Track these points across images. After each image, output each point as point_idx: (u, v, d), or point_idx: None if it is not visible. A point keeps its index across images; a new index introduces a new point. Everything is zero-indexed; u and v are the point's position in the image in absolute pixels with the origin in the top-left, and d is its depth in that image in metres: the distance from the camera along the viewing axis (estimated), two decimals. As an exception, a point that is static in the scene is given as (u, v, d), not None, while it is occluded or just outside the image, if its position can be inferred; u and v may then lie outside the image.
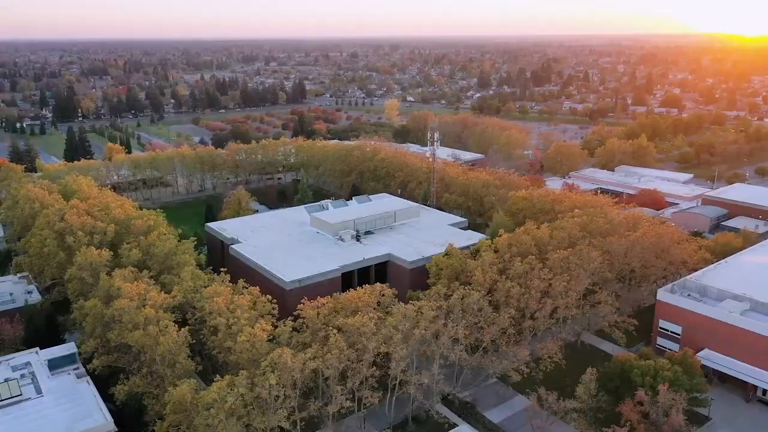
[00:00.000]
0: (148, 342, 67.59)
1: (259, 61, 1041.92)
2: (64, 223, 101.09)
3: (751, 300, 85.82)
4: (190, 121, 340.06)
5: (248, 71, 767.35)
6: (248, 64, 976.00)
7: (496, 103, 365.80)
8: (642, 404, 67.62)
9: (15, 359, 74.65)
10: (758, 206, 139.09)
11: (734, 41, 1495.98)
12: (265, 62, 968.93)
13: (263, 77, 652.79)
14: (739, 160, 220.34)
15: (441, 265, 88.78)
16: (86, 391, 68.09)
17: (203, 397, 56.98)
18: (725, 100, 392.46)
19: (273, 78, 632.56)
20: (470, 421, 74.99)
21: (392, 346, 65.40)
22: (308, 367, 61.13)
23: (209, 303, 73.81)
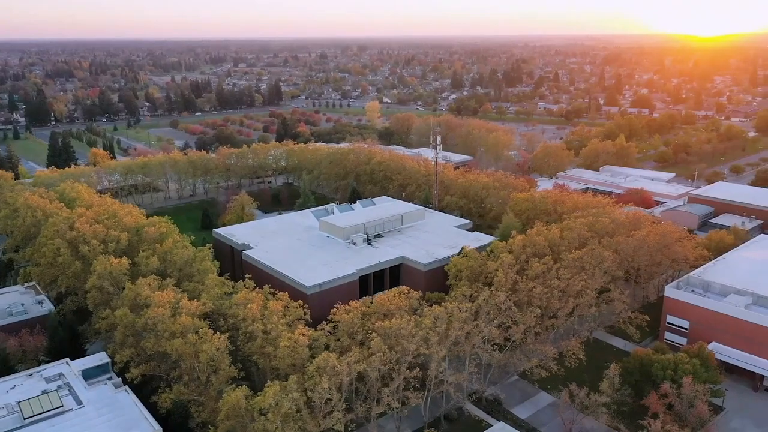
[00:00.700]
0: (187, 350, 68.14)
1: (227, 62, 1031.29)
2: (75, 232, 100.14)
3: (753, 294, 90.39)
4: (168, 124, 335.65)
5: (218, 73, 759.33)
6: (216, 65, 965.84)
7: (473, 104, 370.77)
8: (666, 396, 71.11)
9: (47, 371, 74.16)
10: (742, 204, 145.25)
11: (690, 41, 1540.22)
12: (233, 63, 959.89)
13: (234, 79, 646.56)
14: (715, 159, 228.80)
15: (460, 267, 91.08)
16: (127, 401, 68.21)
17: (258, 402, 57.97)
18: (692, 100, 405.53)
19: (245, 80, 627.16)
20: (498, 417, 77.52)
21: (431, 347, 67.34)
22: (355, 370, 62.66)
23: (242, 310, 74.65)
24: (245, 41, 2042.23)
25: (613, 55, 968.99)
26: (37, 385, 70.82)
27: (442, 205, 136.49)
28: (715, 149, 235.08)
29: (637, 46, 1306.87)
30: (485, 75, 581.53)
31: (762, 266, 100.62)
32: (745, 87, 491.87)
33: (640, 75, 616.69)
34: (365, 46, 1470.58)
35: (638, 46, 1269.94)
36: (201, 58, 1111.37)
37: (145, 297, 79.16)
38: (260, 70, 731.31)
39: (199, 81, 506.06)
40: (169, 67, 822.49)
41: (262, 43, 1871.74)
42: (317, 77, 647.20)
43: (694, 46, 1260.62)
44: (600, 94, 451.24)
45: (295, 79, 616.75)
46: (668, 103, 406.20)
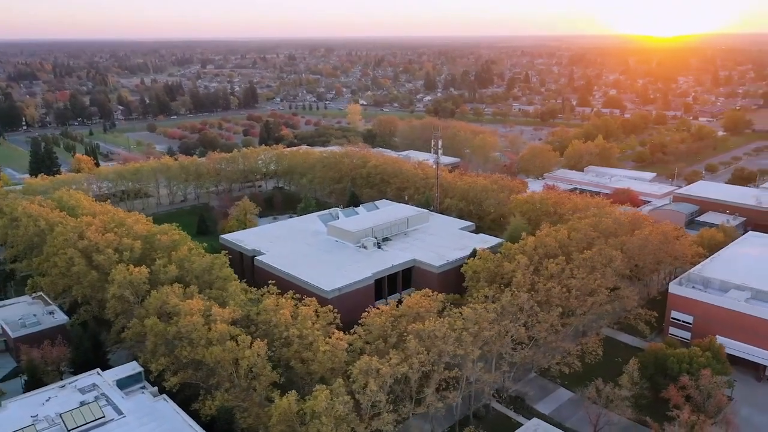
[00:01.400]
0: (226, 357, 69.00)
1: (193, 64, 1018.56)
2: (87, 241, 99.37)
3: (752, 289, 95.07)
4: (145, 128, 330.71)
5: (187, 75, 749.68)
6: (183, 66, 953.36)
7: (450, 106, 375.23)
8: (684, 388, 74.77)
9: (78, 381, 73.95)
10: (725, 202, 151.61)
11: (649, 42, 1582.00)
12: (201, 65, 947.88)
13: (205, 81, 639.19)
14: (689, 158, 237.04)
15: (476, 269, 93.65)
16: (167, 409, 68.70)
17: (310, 406, 59.30)
18: (660, 101, 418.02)
19: (216, 82, 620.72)
20: (523, 413, 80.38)
21: (467, 348, 69.59)
22: (398, 372, 64.49)
23: (274, 316, 75.73)
24: (210, 42, 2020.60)
25: (578, 56, 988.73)
26: (72, 396, 70.68)
27: (442, 207, 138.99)
28: (689, 149, 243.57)
29: (600, 46, 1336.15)
30: (457, 76, 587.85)
31: (757, 262, 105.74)
32: (708, 87, 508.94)
33: (607, 76, 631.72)
34: (332, 47, 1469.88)
35: (601, 47, 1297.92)
36: (167, 60, 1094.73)
37: (173, 305, 79.56)
38: (230, 72, 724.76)
39: (170, 83, 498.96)
40: (135, 69, 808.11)
41: (227, 43, 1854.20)
42: (289, 79, 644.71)
43: (653, 46, 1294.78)
44: (572, 95, 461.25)
45: (267, 81, 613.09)
46: (637, 103, 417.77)
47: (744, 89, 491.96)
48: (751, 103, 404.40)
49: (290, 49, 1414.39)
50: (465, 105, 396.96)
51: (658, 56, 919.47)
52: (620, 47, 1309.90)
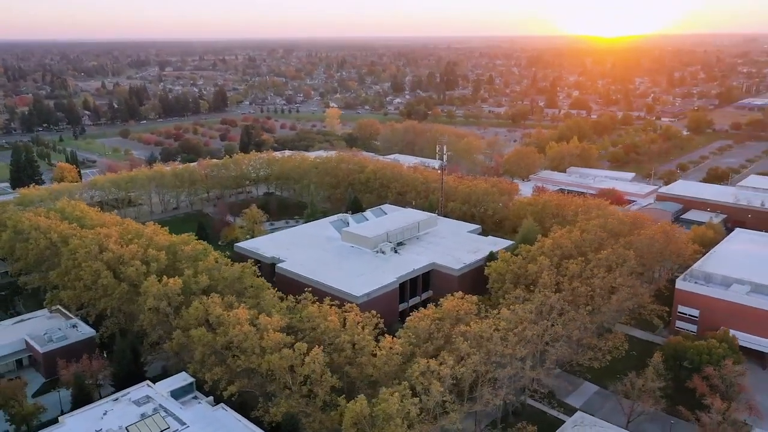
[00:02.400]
0: (283, 364, 70.85)
1: (150, 66, 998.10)
2: (111, 254, 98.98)
3: (752, 283, 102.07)
4: (117, 133, 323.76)
5: (146, 77, 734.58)
6: (141, 69, 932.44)
7: (423, 109, 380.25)
8: (708, 378, 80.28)
9: (131, 394, 74.53)
10: (707, 200, 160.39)
11: (597, 43, 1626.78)
12: (159, 67, 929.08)
13: (168, 84, 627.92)
14: (661, 158, 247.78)
15: (501, 271, 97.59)
16: (228, 418, 70.13)
17: (383, 408, 61.82)
18: (623, 102, 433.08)
19: (179, 85, 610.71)
20: (556, 407, 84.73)
21: (514, 347, 73.30)
22: (458, 373, 67.65)
23: (323, 322, 77.85)
24: (164, 42, 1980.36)
25: (536, 57, 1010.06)
26: (129, 409, 71.33)
27: (445, 211, 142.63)
28: (660, 149, 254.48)
29: (554, 47, 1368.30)
30: (422, 78, 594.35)
31: (751, 257, 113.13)
32: (665, 88, 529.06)
33: (566, 77, 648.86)
34: (290, 49, 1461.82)
35: (555, 48, 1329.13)
36: (122, 62, 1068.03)
37: (217, 315, 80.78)
38: (192, 75, 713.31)
39: (133, 87, 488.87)
40: (92, 72, 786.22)
41: (180, 44, 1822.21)
42: (254, 81, 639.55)
43: (604, 47, 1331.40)
44: (537, 96, 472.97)
45: (232, 84, 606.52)
46: (601, 104, 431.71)
47: (698, 90, 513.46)
48: (707, 104, 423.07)
49: (246, 51, 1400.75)
50: (436, 107, 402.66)
51: (610, 57, 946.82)
52: (572, 48, 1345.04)
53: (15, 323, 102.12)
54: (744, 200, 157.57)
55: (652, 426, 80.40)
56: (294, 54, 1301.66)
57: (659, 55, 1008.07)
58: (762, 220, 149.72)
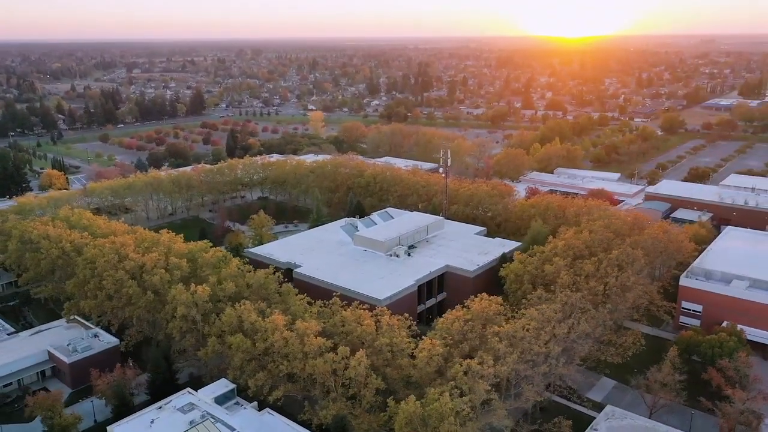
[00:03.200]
0: (327, 368, 72.71)
1: (117, 67, 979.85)
2: (132, 262, 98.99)
3: (750, 278, 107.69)
4: (96, 138, 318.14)
5: (116, 79, 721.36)
6: (108, 71, 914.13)
7: (403, 111, 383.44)
8: (723, 370, 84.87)
9: (174, 401, 75.34)
10: (694, 199, 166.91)
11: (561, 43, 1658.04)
12: (127, 69, 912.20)
13: (139, 86, 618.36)
14: (640, 158, 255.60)
15: (518, 272, 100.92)
16: (277, 422, 71.63)
17: (436, 408, 64.18)
18: (596, 103, 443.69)
19: (152, 88, 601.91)
20: (578, 402, 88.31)
21: (548, 346, 76.56)
22: (500, 372, 70.47)
23: (360, 326, 79.86)
24: (127, 43, 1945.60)
25: (505, 58, 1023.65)
26: (175, 416, 72.18)
27: (449, 214, 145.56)
28: (639, 149, 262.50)
29: (520, 48, 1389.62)
30: (397, 80, 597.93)
31: (745, 254, 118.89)
32: (634, 89, 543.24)
33: (537, 78, 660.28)
34: (259, 50, 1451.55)
35: (521, 49, 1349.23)
36: (87, 63, 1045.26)
37: (252, 321, 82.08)
38: (164, 77, 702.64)
39: (106, 90, 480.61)
40: (57, 74, 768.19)
41: (146, 45, 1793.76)
42: (227, 83, 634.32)
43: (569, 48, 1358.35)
44: (511, 97, 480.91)
45: (206, 86, 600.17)
46: (575, 105, 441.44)
47: (665, 90, 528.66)
48: (676, 104, 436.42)
49: (214, 52, 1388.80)
50: (415, 109, 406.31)
51: (576, 58, 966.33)
52: (538, 49, 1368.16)
53: (33, 334, 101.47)
54: (728, 199, 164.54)
55: (673, 418, 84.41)
56: (263, 55, 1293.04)
57: (624, 56, 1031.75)
58: (746, 218, 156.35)
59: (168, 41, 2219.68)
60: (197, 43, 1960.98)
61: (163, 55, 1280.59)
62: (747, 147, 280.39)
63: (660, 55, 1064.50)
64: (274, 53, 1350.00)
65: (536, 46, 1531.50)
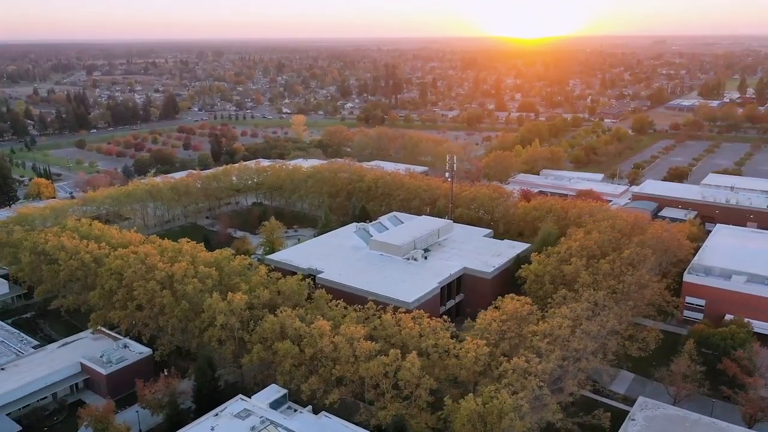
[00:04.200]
0: (381, 371, 75.55)
1: (76, 70, 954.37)
2: (161, 272, 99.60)
3: (748, 273, 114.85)
4: (72, 144, 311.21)
5: (76, 82, 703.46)
6: (66, 73, 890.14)
7: (380, 114, 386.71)
8: (737, 360, 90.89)
9: (229, 408, 76.89)
10: (679, 198, 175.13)
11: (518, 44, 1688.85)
12: (86, 71, 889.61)
13: (104, 90, 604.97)
14: (617, 159, 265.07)
15: (538, 272, 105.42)
16: (335, 425, 74.02)
17: (495, 405, 67.73)
18: (566, 104, 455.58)
19: (118, 91, 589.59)
20: (605, 395, 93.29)
21: (586, 342, 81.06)
22: (547, 369, 74.51)
23: (403, 329, 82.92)
24: (80, 44, 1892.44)
25: (469, 59, 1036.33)
26: (234, 423, 73.80)
27: (453, 217, 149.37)
28: (616, 150, 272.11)
29: (479, 49, 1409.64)
30: (368, 82, 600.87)
31: (740, 250, 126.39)
32: (599, 90, 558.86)
33: (503, 79, 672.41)
34: (220, 51, 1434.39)
35: (481, 50, 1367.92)
36: (42, 65, 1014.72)
37: (296, 328, 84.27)
38: (129, 80, 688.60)
39: (73, 94, 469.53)
40: (15, 77, 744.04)
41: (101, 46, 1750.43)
42: (195, 86, 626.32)
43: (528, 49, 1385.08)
44: (484, 99, 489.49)
45: (173, 89, 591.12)
46: (545, 106, 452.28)
47: (628, 91, 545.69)
48: (641, 105, 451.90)
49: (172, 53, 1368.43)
50: (391, 112, 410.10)
51: (538, 59, 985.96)
52: (499, 50, 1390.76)
53: (60, 347, 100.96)
54: (711, 197, 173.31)
55: (694, 407, 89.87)
56: (225, 57, 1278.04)
57: (583, 57, 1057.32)
58: (728, 215, 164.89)
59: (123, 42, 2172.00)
60: (154, 44, 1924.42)
61: (121, 57, 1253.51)
62: (715, 147, 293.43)
63: (617, 56, 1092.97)
64: (236, 55, 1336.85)
65: (495, 46, 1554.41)
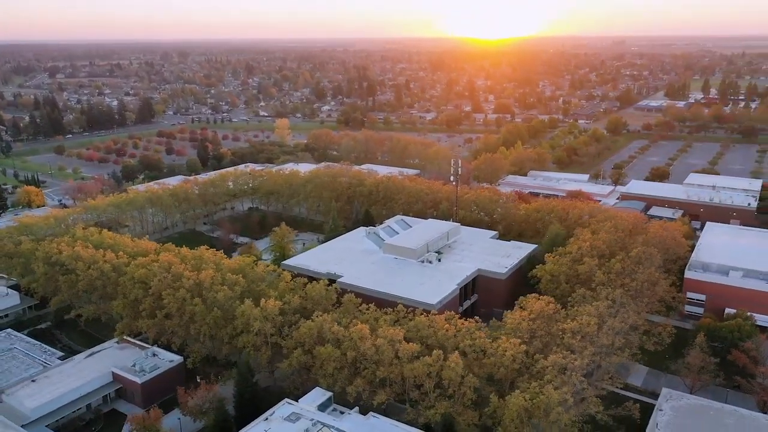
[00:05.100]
0: (424, 371, 78.55)
1: (38, 72, 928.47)
2: (189, 280, 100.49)
3: (743, 269, 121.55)
4: (50, 150, 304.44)
5: (40, 85, 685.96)
6: (28, 76, 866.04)
7: (360, 116, 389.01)
8: (746, 351, 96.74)
9: (278, 412, 78.72)
10: (667, 198, 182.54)
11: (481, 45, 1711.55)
12: (49, 74, 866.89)
13: (71, 93, 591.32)
14: (598, 159, 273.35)
15: (554, 272, 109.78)
16: (385, 425, 76.64)
17: (543, 401, 71.39)
18: (539, 106, 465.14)
19: (86, 95, 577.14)
20: (623, 387, 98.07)
21: (613, 338, 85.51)
22: (584, 365, 78.58)
23: (438, 331, 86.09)
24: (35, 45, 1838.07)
25: (437, 61, 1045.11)
26: (286, 426, 75.73)
27: (457, 219, 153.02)
28: (596, 150, 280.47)
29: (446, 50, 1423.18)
30: (341, 84, 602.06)
31: (733, 246, 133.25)
32: (568, 91, 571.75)
33: (474, 81, 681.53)
34: (186, 52, 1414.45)
35: (448, 51, 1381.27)
36: (1, 68, 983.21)
37: (335, 332, 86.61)
38: (97, 83, 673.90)
39: (42, 98, 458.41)
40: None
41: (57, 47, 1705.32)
42: (163, 89, 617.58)
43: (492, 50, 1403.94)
44: (458, 101, 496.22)
45: (143, 92, 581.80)
46: (520, 108, 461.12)
47: (597, 92, 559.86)
48: (611, 106, 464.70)
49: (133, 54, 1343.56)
50: (370, 114, 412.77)
51: (505, 60, 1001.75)
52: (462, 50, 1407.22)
53: (87, 357, 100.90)
54: (695, 196, 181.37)
55: (709, 397, 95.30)
56: (190, 58, 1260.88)
57: (548, 58, 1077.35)
58: (712, 213, 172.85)
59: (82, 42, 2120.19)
60: (115, 45, 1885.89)
61: (81, 58, 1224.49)
62: (687, 146, 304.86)
63: (581, 56, 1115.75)
64: (202, 56, 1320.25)
65: (458, 47, 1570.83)
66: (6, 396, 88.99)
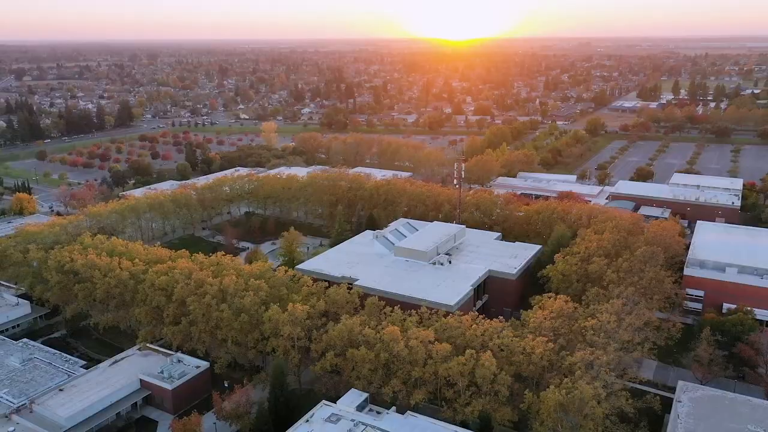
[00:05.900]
0: (459, 370, 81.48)
1: (2, 74, 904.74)
2: (212, 287, 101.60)
3: (738, 265, 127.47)
4: (31, 155, 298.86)
5: (9, 88, 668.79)
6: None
7: (343, 119, 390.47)
8: (751, 344, 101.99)
9: (318, 413, 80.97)
10: (654, 197, 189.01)
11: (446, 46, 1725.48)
12: (15, 76, 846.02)
13: (43, 96, 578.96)
14: (581, 160, 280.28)
15: (565, 272, 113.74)
16: (425, 423, 79.24)
17: (577, 396, 74.81)
18: (517, 107, 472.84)
19: (58, 98, 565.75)
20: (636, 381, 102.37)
21: (633, 335, 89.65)
22: (612, 361, 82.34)
23: (467, 331, 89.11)
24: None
25: (410, 62, 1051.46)
26: (327, 427, 78.10)
27: (460, 221, 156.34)
28: (579, 151, 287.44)
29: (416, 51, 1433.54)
30: (319, 86, 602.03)
31: (726, 244, 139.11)
32: (543, 92, 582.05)
33: (450, 82, 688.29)
34: (155, 54, 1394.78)
35: (418, 52, 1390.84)
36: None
37: (365, 334, 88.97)
38: (69, 86, 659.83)
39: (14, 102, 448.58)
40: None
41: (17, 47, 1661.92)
42: (138, 91, 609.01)
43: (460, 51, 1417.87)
44: (437, 103, 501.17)
45: (119, 95, 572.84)
46: (498, 109, 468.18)
47: (572, 94, 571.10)
48: (586, 107, 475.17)
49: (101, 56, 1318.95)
50: (353, 117, 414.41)
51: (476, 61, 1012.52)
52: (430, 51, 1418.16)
53: (111, 365, 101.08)
54: (681, 196, 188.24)
55: (718, 387, 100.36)
56: (159, 60, 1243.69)
57: (520, 59, 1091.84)
58: (698, 212, 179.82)
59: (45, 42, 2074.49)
60: (79, 45, 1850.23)
61: (46, 60, 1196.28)
62: (664, 146, 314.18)
63: (550, 57, 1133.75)
64: (171, 57, 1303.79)
65: (427, 49, 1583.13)
66: (36, 406, 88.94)
